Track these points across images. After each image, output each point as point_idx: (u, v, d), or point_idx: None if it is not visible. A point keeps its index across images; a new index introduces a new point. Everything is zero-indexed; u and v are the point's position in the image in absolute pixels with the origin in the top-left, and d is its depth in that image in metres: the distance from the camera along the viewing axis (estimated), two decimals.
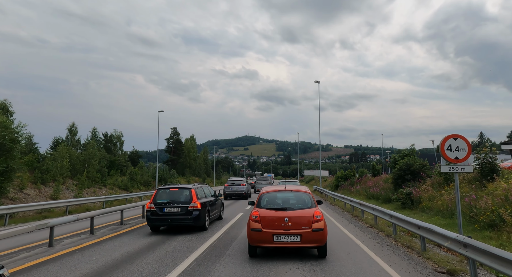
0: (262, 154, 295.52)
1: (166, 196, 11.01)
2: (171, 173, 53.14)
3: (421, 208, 15.05)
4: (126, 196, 23.80)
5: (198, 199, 10.95)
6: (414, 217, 12.57)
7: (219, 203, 13.77)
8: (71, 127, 35.21)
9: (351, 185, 33.26)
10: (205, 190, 12.56)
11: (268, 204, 7.64)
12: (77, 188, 23.99)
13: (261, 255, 7.64)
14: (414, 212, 15.12)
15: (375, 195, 23.15)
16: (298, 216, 7.06)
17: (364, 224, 12.72)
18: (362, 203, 14.02)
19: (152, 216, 10.67)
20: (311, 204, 7.59)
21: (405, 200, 16.63)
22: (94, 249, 8.61)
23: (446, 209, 12.87)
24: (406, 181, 19.81)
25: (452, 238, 6.25)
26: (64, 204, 17.43)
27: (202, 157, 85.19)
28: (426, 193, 15.99)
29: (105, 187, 29.17)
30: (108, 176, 33.84)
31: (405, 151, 23.52)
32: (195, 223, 10.64)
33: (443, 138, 6.39)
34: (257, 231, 6.99)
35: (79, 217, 10.46)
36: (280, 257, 7.43)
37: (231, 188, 26.15)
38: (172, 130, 69.37)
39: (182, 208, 10.64)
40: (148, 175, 41.45)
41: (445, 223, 11.32)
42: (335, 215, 15.43)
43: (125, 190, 32.27)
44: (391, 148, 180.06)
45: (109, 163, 39.23)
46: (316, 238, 6.87)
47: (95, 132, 40.32)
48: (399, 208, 16.78)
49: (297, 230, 6.88)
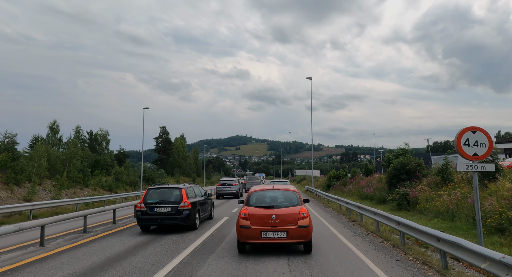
0: (254, 154, 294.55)
1: (156, 196, 11.05)
2: (160, 173, 51.64)
3: (419, 209, 14.24)
4: (104, 197, 22.16)
5: (188, 198, 11.01)
6: (412, 220, 11.72)
7: (209, 203, 13.78)
8: (52, 125, 33.60)
9: (343, 185, 32.52)
10: (196, 190, 12.57)
11: (256, 202, 7.99)
12: (56, 189, 22.61)
13: (250, 251, 7.95)
14: (411, 213, 14.31)
15: (368, 196, 22.36)
16: (284, 213, 7.43)
17: (364, 230, 11.18)
18: (361, 206, 12.54)
19: (142, 215, 10.71)
20: (298, 202, 7.92)
21: (401, 201, 15.82)
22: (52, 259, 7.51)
23: (446, 211, 12.06)
24: (401, 181, 19.04)
25: (494, 259, 4.64)
26: (27, 208, 15.13)
27: (192, 157, 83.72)
28: (423, 194, 15.20)
29: (88, 188, 27.77)
30: (92, 176, 32.41)
31: (399, 150, 22.83)
32: (185, 223, 10.72)
33: (460, 131, 5.42)
34: (245, 228, 7.34)
35: (22, 227, 8.36)
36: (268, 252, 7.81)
37: (223, 188, 26.76)
38: (161, 129, 67.84)
39: (172, 208, 10.69)
40: (134, 175, 40.04)
41: (447, 227, 10.49)
42: (330, 220, 13.96)
43: (109, 190, 30.88)
44: (382, 148, 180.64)
45: (94, 162, 37.73)
46: (302, 234, 7.27)
47: (79, 131, 38.71)
48: (394, 209, 15.97)
49: (284, 226, 7.24)
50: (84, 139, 40.77)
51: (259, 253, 7.73)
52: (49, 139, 32.68)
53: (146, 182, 44.24)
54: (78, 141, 35.50)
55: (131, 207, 16.81)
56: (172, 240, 9.53)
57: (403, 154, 21.54)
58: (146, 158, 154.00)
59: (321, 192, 24.65)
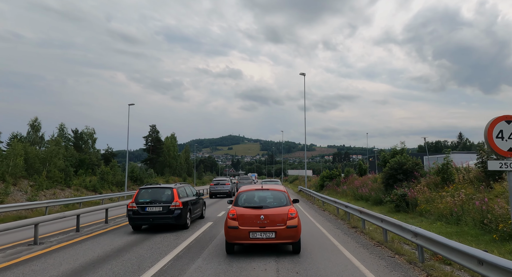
0: (246, 153, 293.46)
1: (148, 195, 11.12)
2: (149, 173, 50.18)
3: (419, 211, 13.36)
4: (79, 199, 20.36)
5: (179, 198, 11.10)
6: (413, 223, 10.81)
7: (201, 203, 13.88)
8: (33, 122, 31.98)
9: (337, 185, 31.68)
10: (187, 189, 12.63)
11: (245, 203, 7.90)
12: (33, 190, 21.21)
13: (238, 251, 7.82)
14: (411, 216, 13.42)
15: (363, 196, 21.48)
16: (273, 213, 7.34)
17: (368, 239, 9.29)
18: (363, 211, 10.69)
19: (134, 215, 10.72)
20: (286, 202, 7.82)
21: (399, 202, 14.92)
22: None
23: (450, 214, 11.17)
24: (398, 181, 18.20)
25: None
26: None
27: (183, 156, 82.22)
28: (422, 195, 14.34)
29: (69, 188, 26.36)
30: (76, 176, 30.97)
31: (395, 150, 22.03)
32: (176, 222, 10.79)
33: (491, 121, 4.32)
34: (233, 229, 7.23)
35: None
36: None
37: (216, 187, 27.60)
38: (151, 128, 66.17)
39: (164, 207, 10.74)
40: (121, 175, 38.58)
41: (452, 232, 9.59)
42: (327, 225, 12.17)
43: (93, 191, 29.49)
44: (374, 148, 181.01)
45: (78, 162, 36.25)
46: (290, 234, 7.19)
47: (63, 128, 37.12)
48: (392, 211, 15.09)
49: (272, 227, 7.16)
50: (69, 138, 39.17)
51: (247, 253, 7.66)
52: (29, 137, 31.11)
53: (134, 182, 42.85)
54: (62, 139, 33.93)
55: (123, 206, 16.59)
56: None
57: (399, 154, 20.74)
58: (138, 157, 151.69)
59: (315, 193, 23.40)
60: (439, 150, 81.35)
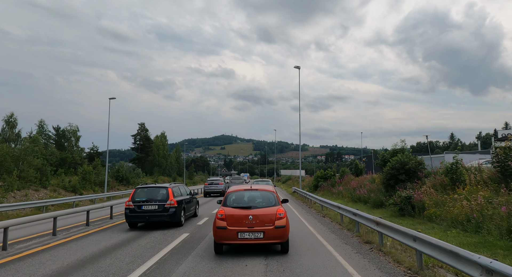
0: (239, 153, 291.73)
1: (144, 194, 11.58)
2: (136, 173, 48.15)
3: (427, 216, 11.92)
4: (42, 202, 17.58)
5: (174, 197, 11.55)
6: (423, 230, 9.36)
7: (194, 202, 14.39)
8: (8, 118, 29.87)
9: (332, 185, 30.29)
10: (181, 189, 13.13)
11: (234, 203, 7.90)
12: (1, 191, 19.28)
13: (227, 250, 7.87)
14: (418, 221, 11.98)
15: (362, 198, 20.06)
16: (261, 214, 7.34)
17: (393, 264, 6.64)
18: (382, 222, 7.87)
19: (130, 213, 11.22)
20: (275, 202, 7.83)
21: (404, 205, 13.49)
22: None
23: (466, 220, 9.74)
24: (400, 181, 16.79)
25: None
26: None
27: (174, 156, 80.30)
28: (430, 197, 12.93)
29: (45, 189, 24.41)
30: (55, 176, 28.98)
31: (395, 148, 20.66)
32: (171, 219, 11.29)
33: None
34: (222, 229, 7.23)
35: None
36: None
37: (211, 187, 28.91)
38: (140, 126, 64.04)
39: (159, 206, 11.22)
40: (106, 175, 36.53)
41: (475, 242, 8.13)
42: (332, 239, 9.37)
43: (73, 192, 27.55)
44: (365, 149, 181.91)
45: (59, 160, 34.23)
46: (278, 234, 7.19)
47: (42, 125, 35.00)
48: (396, 215, 13.65)
49: (261, 227, 7.17)
50: (49, 135, 37.04)
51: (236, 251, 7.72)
52: (4, 134, 29.00)
53: (120, 183, 40.84)
54: (41, 136, 31.85)
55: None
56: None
57: (400, 152, 19.37)
58: (129, 156, 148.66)
59: (312, 195, 21.04)
60: (431, 150, 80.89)
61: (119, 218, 14.51)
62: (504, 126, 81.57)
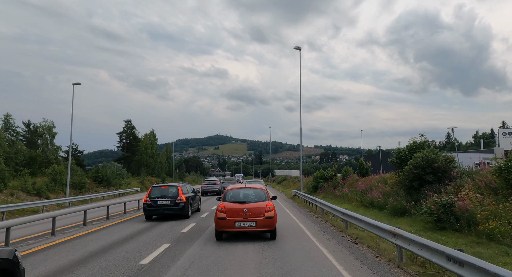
0: (233, 153, 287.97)
1: (158, 192, 14.17)
2: (119, 173, 44.38)
3: (484, 233, 8.58)
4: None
5: (183, 194, 14.14)
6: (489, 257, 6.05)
7: (197, 198, 16.80)
8: None
9: (334, 187, 27.03)
10: (188, 187, 15.66)
11: (232, 198, 9.66)
12: None
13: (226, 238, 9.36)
14: (472, 239, 8.64)
15: (375, 203, 16.74)
16: (254, 207, 9.12)
17: None
18: (441, 250, 5.20)
19: (148, 207, 13.79)
20: (265, 198, 9.63)
21: (444, 216, 10.17)
22: None
23: None
24: (426, 183, 13.55)
25: None
26: None
27: (164, 156, 76.53)
28: (482, 205, 9.65)
29: (0, 193, 20.72)
30: (17, 177, 25.25)
31: (414, 143, 17.31)
32: (181, 212, 13.89)
33: None
34: (222, 219, 8.98)
35: None
36: None
37: (208, 186, 31.26)
38: (126, 123, 60.02)
39: (171, 201, 13.80)
40: (81, 175, 32.85)
41: None
42: (353, 271, 6.15)
43: (37, 195, 23.86)
44: (359, 149, 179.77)
45: (28, 159, 30.46)
46: (268, 223, 9.00)
47: (8, 120, 31.15)
48: (432, 229, 10.35)
49: (253, 218, 8.94)
50: (18, 131, 33.20)
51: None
52: None
53: (99, 184, 37.09)
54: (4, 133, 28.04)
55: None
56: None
57: (422, 148, 16.10)
58: (116, 156, 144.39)
59: (324, 202, 14.64)
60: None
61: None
62: (501, 125, 79.56)
